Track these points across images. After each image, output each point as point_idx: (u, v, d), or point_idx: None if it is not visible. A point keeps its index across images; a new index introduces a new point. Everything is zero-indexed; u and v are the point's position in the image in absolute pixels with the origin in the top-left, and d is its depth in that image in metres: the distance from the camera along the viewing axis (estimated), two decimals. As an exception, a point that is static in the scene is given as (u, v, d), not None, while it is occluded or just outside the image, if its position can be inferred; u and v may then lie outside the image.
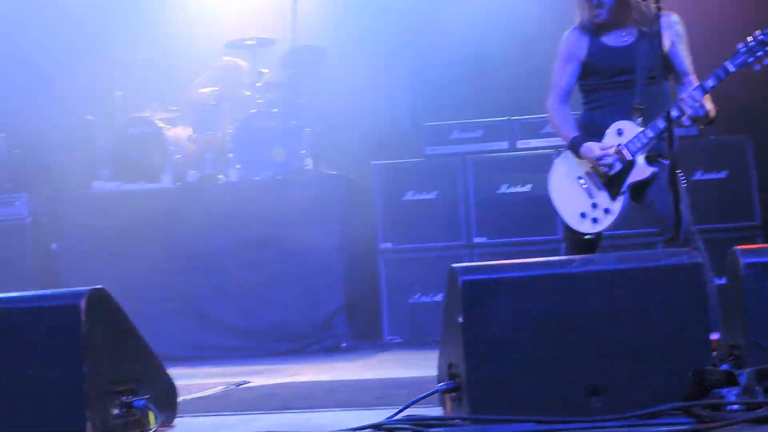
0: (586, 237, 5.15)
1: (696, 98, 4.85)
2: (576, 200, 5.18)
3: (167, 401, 3.77)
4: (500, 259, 3.58)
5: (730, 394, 3.07)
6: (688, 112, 4.84)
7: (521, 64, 8.92)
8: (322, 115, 9.05)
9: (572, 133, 5.18)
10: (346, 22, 9.44)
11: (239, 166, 8.41)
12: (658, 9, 4.67)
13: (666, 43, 4.97)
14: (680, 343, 3.24)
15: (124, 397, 3.46)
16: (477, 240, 8.02)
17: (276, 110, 8.55)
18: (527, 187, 7.99)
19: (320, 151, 8.80)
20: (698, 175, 7.65)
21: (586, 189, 5.15)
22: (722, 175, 7.73)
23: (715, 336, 3.48)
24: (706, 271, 4.65)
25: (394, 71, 9.46)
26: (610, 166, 5.04)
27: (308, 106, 8.82)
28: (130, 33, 9.55)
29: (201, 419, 4.05)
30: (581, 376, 3.23)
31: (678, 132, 4.67)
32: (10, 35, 9.35)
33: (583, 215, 5.15)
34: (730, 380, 3.10)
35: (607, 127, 5.10)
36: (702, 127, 5.36)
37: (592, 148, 5.08)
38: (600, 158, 5.04)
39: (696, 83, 5.00)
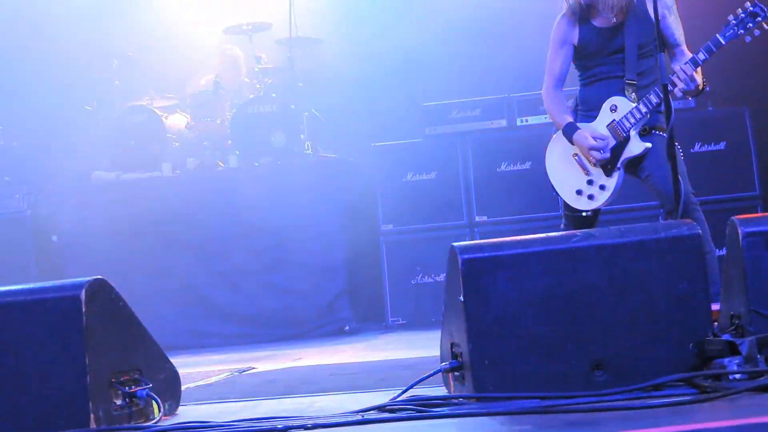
0: (584, 214, 5.17)
1: (687, 71, 4.86)
2: (572, 177, 5.21)
3: (170, 390, 3.77)
4: (502, 237, 3.56)
5: (732, 363, 3.07)
6: (680, 85, 4.86)
7: (518, 41, 8.88)
8: (320, 99, 9.04)
9: (565, 120, 5.20)
10: (343, 5, 9.41)
11: (238, 153, 8.40)
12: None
13: (658, 17, 4.95)
14: (681, 314, 3.24)
15: (126, 388, 3.46)
16: (478, 219, 8.01)
17: (274, 95, 8.53)
18: (527, 165, 7.97)
19: (319, 135, 8.79)
20: (697, 147, 7.63)
21: (582, 166, 5.17)
22: (721, 146, 7.71)
23: (716, 306, 3.47)
24: (707, 241, 4.66)
25: (390, 52, 9.42)
26: (600, 159, 5.06)
27: (306, 90, 8.79)
28: (128, 21, 9.54)
29: (205, 407, 4.05)
30: (583, 351, 3.24)
31: (675, 105, 4.66)
32: (7, 25, 9.32)
33: (579, 192, 5.19)
34: (732, 350, 3.10)
35: (602, 101, 5.12)
36: (690, 98, 5.35)
37: (585, 136, 5.09)
38: (592, 148, 5.06)
39: (688, 54, 5.01)
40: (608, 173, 5.11)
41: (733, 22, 4.89)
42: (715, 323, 3.37)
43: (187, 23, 9.56)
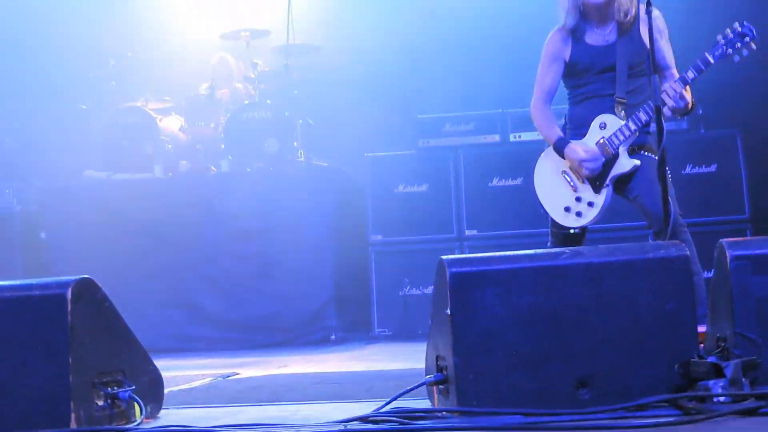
0: (572, 231, 5.17)
1: (676, 89, 4.89)
2: (560, 194, 5.22)
3: (153, 393, 3.76)
4: (491, 251, 3.56)
5: (717, 385, 3.07)
6: (669, 103, 4.88)
7: (513, 57, 8.90)
8: (315, 107, 9.05)
9: (555, 134, 5.21)
10: (341, 15, 9.43)
11: (231, 157, 8.39)
12: (649, 8, 4.67)
13: (647, 38, 4.97)
14: (667, 335, 3.24)
15: (109, 389, 3.44)
16: (468, 232, 8.01)
17: (269, 101, 8.54)
18: (518, 180, 7.99)
19: (313, 143, 8.79)
20: (688, 169, 7.66)
21: (570, 183, 5.18)
22: (712, 168, 7.74)
23: (702, 328, 3.47)
24: (694, 263, 4.67)
25: (386, 62, 9.45)
26: (593, 171, 5.07)
27: (302, 97, 8.80)
28: (126, 23, 9.56)
29: (187, 411, 4.03)
30: (569, 369, 3.23)
31: (667, 126, 4.67)
32: (5, 21, 9.32)
33: (567, 209, 5.19)
34: (717, 372, 3.10)
35: (591, 119, 5.14)
36: (680, 117, 5.37)
37: (576, 150, 5.11)
38: (584, 161, 5.07)
39: (677, 76, 5.03)
40: (597, 190, 5.13)
41: (722, 41, 4.92)
42: (701, 345, 3.37)
43: (185, 27, 9.58)
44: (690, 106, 4.97)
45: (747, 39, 4.90)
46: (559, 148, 5.17)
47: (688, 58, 5.00)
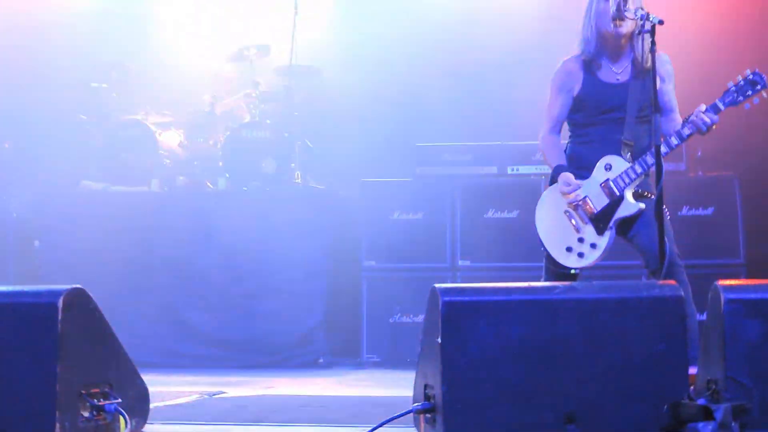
0: (572, 272, 5.12)
1: (712, 119, 4.84)
2: (562, 233, 5.14)
3: (139, 407, 3.74)
4: (484, 283, 3.55)
5: (706, 428, 3.06)
6: (699, 127, 4.85)
7: (513, 89, 8.93)
8: (315, 129, 9.06)
9: (556, 162, 5.18)
10: (343, 41, 9.47)
11: (228, 175, 8.39)
12: (652, 42, 4.68)
13: (657, 82, 4.97)
14: (658, 375, 3.24)
15: (95, 400, 3.43)
16: (461, 263, 8.00)
17: (269, 121, 8.55)
18: (514, 213, 7.98)
19: (310, 165, 8.79)
20: (685, 211, 7.66)
21: (573, 223, 5.12)
22: (708, 211, 7.74)
23: (693, 370, 3.47)
24: (689, 304, 4.65)
25: (387, 91, 9.47)
26: (576, 204, 5.05)
27: (302, 119, 8.81)
28: (130, 36, 9.57)
29: (172, 427, 4.01)
30: (557, 404, 3.22)
31: (666, 167, 4.67)
32: (8, 29, 9.33)
33: (569, 249, 5.11)
34: (706, 415, 3.09)
35: (594, 160, 5.09)
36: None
37: (561, 179, 5.09)
38: (563, 192, 5.05)
39: (680, 120, 5.03)
40: (600, 232, 5.06)
41: (733, 88, 4.91)
42: (692, 387, 3.37)
43: (189, 42, 9.60)
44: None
45: (758, 87, 4.89)
46: (554, 176, 5.14)
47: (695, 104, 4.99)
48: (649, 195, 5.01)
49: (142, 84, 9.33)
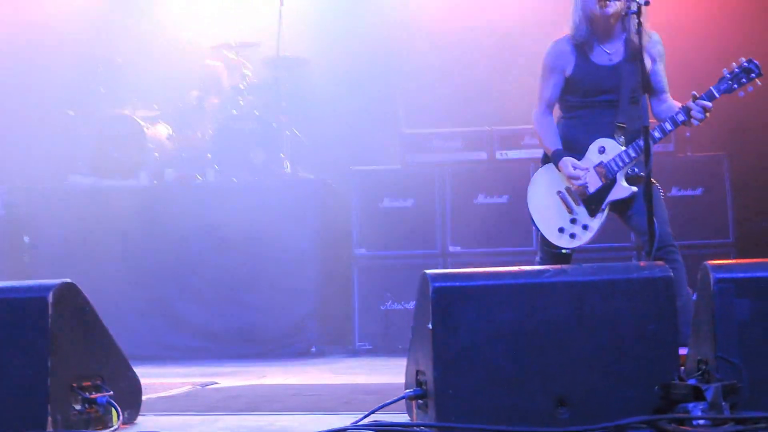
0: (564, 251, 5.14)
1: (707, 105, 4.86)
2: (554, 214, 5.16)
3: (131, 399, 3.74)
4: (474, 268, 3.55)
5: (696, 408, 3.07)
6: (696, 120, 4.87)
7: (503, 75, 8.94)
8: (303, 119, 9.04)
9: (554, 146, 5.16)
10: (330, 30, 9.44)
11: (217, 167, 8.38)
12: (638, 23, 4.67)
13: (647, 62, 4.97)
14: (648, 356, 3.24)
15: (87, 393, 3.43)
16: (452, 249, 8.01)
17: (257, 113, 8.53)
18: (504, 198, 8.00)
19: (299, 155, 8.79)
20: (674, 191, 7.68)
21: (566, 203, 5.13)
22: (698, 192, 7.76)
23: (684, 351, 3.48)
24: (683, 285, 4.67)
25: (375, 78, 9.47)
26: (584, 187, 5.06)
27: (290, 109, 8.80)
28: (116, 31, 9.54)
29: (164, 418, 4.01)
30: (549, 387, 3.23)
31: (655, 148, 4.68)
32: None
33: (561, 230, 5.13)
34: (697, 395, 3.10)
35: (588, 144, 5.09)
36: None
37: (567, 164, 5.08)
38: (572, 177, 5.05)
39: (672, 101, 5.06)
40: (592, 214, 5.08)
41: (728, 76, 4.93)
42: (682, 367, 3.37)
43: (176, 35, 9.57)
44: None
45: (753, 75, 4.92)
46: (556, 160, 5.14)
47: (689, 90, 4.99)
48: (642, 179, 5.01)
49: (130, 78, 9.29)
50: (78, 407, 3.38)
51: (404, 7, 9.43)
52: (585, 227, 5.10)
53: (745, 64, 4.93)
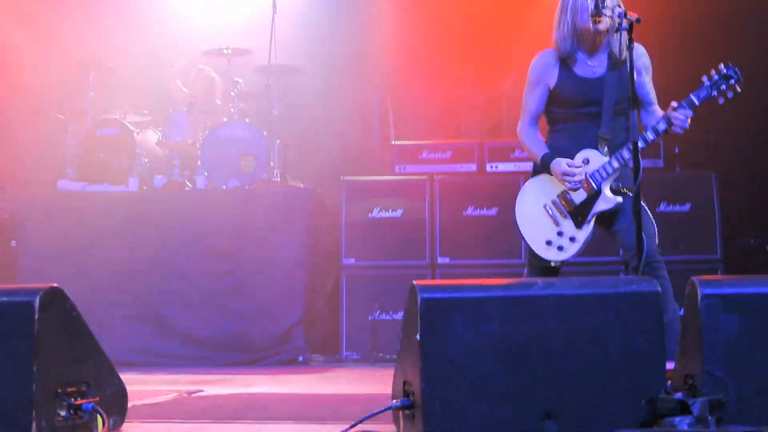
0: (552, 264, 5.15)
1: (688, 114, 4.87)
2: (542, 227, 5.17)
3: (117, 406, 3.73)
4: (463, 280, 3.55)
5: (683, 423, 3.08)
6: (677, 127, 4.88)
7: (493, 88, 8.96)
8: (294, 128, 9.04)
9: (542, 151, 5.18)
10: (322, 39, 9.45)
11: (207, 174, 8.36)
12: (629, 40, 4.68)
13: (633, 75, 4.99)
14: (635, 370, 3.25)
15: (72, 399, 3.41)
16: (440, 260, 8.01)
17: (248, 120, 8.52)
18: (493, 211, 8.01)
19: (290, 163, 8.78)
20: (662, 207, 7.70)
21: (552, 216, 5.14)
22: (686, 208, 7.78)
23: (671, 365, 3.48)
24: (671, 300, 4.68)
25: (367, 88, 9.48)
26: (575, 190, 5.06)
27: (281, 117, 8.79)
28: (108, 35, 9.53)
29: (150, 425, 4.00)
30: (536, 400, 3.23)
31: (644, 164, 4.69)
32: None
33: (548, 243, 5.14)
34: (683, 409, 3.10)
35: (573, 156, 5.11)
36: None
37: (560, 162, 5.09)
38: (566, 173, 5.06)
39: (660, 111, 5.06)
40: (578, 225, 5.09)
41: (707, 83, 4.93)
42: (669, 382, 3.38)
43: (168, 41, 9.56)
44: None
45: (732, 81, 4.91)
46: (547, 162, 5.14)
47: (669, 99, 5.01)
48: (626, 190, 5.03)
49: (121, 83, 9.28)
50: (63, 413, 3.37)
51: (394, 17, 9.44)
52: (572, 239, 5.10)
53: (724, 70, 4.93)
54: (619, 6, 4.89)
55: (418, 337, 3.26)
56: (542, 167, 5.17)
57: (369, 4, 9.60)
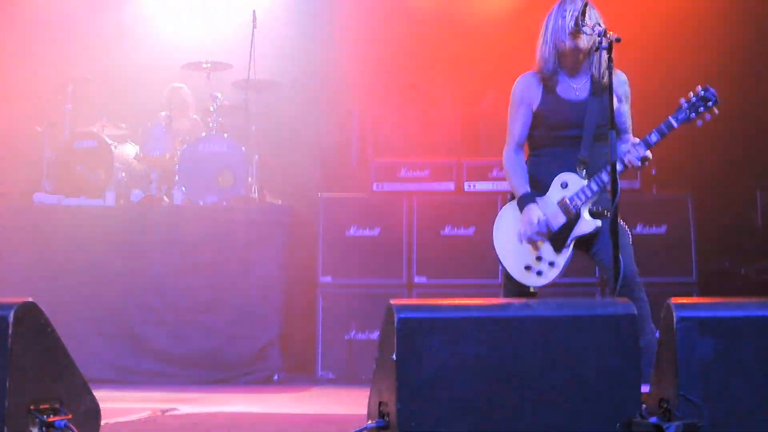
0: (531, 290, 5.10)
1: (640, 153, 4.90)
2: (520, 252, 5.13)
3: (90, 423, 3.70)
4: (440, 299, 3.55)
5: (658, 447, 3.08)
6: (633, 164, 4.90)
7: (472, 106, 8.98)
8: (272, 143, 9.03)
9: (522, 189, 5.13)
10: (301, 56, 9.47)
11: (184, 189, 8.33)
12: (608, 59, 4.68)
13: (614, 101, 4.99)
14: (611, 392, 3.26)
15: (45, 416, 3.38)
16: (417, 279, 8.00)
17: (226, 135, 8.51)
18: (470, 230, 8.01)
19: (267, 180, 8.77)
20: (638, 229, 7.73)
21: (531, 241, 5.10)
22: (662, 229, 7.82)
23: (646, 388, 3.49)
24: (648, 322, 4.67)
25: (345, 105, 9.49)
26: (539, 242, 5.05)
27: (259, 133, 8.78)
28: (87, 48, 9.51)
29: (124, 443, 3.97)
30: (511, 421, 3.22)
31: (621, 185, 4.69)
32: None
33: (527, 267, 5.10)
34: (658, 433, 3.11)
35: (551, 180, 5.10)
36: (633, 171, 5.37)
37: (533, 214, 5.05)
38: (531, 225, 5.03)
39: (634, 140, 5.03)
40: (558, 250, 5.04)
41: (685, 105, 4.91)
42: (644, 405, 3.38)
43: (147, 55, 9.54)
44: (647, 162, 4.98)
45: (710, 103, 4.90)
46: (522, 204, 5.11)
47: (648, 120, 5.03)
48: (607, 213, 5.00)
49: (99, 96, 9.25)
50: (35, 430, 3.34)
51: (374, 35, 9.47)
52: (551, 264, 5.07)
53: (702, 92, 4.92)
54: (600, 24, 4.87)
55: (394, 357, 3.26)
56: (518, 204, 5.14)
57: (348, 21, 9.62)
